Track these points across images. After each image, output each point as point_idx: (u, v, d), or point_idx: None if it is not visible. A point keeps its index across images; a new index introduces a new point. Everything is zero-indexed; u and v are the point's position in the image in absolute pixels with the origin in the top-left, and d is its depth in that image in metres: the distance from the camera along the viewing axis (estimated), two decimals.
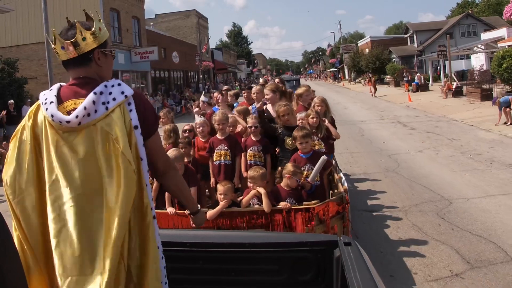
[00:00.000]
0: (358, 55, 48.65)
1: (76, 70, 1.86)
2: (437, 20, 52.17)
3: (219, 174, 4.66)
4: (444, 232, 5.19)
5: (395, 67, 37.38)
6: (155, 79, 30.92)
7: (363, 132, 13.45)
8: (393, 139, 11.95)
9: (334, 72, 67.83)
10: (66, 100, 1.79)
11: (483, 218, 5.55)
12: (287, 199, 3.93)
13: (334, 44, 71.48)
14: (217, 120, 4.75)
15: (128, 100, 1.80)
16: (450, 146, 10.44)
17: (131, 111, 1.80)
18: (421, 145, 10.79)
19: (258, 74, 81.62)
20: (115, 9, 24.97)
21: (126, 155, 1.71)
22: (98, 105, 1.73)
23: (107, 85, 1.79)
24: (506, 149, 9.73)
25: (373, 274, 1.86)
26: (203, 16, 48.74)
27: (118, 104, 1.76)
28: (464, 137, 11.49)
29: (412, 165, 8.77)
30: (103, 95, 1.76)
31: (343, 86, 49.21)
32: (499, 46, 25.13)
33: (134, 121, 1.79)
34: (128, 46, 26.06)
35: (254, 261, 2.43)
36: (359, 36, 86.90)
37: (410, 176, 7.87)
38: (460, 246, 4.77)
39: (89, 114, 1.71)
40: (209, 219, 3.72)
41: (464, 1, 63.85)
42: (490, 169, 7.99)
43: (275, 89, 5.35)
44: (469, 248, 4.72)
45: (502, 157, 8.93)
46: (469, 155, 9.34)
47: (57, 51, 1.85)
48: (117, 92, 1.78)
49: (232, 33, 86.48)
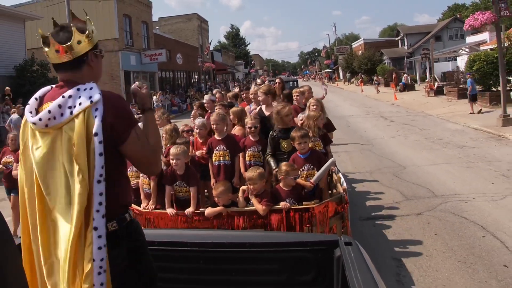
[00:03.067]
0: (351, 56, 51.09)
1: (65, 73, 1.88)
2: (427, 24, 54.49)
3: (219, 174, 4.65)
4: (394, 182, 7.58)
5: (385, 68, 39.75)
6: (161, 79, 33.18)
7: (349, 124, 15.78)
8: (373, 129, 14.32)
9: (329, 73, 70.24)
10: (45, 102, 1.83)
11: (425, 176, 7.88)
12: (287, 199, 3.95)
13: (329, 46, 73.84)
14: (212, 120, 4.75)
15: (96, 105, 1.77)
16: (419, 134, 12.79)
17: (96, 117, 1.76)
18: (395, 133, 13.17)
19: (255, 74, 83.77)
20: (127, 15, 27.26)
21: (80, 164, 1.73)
22: (64, 108, 1.74)
23: (79, 89, 1.79)
24: (464, 136, 12.07)
25: (373, 273, 1.86)
26: (204, 20, 51.06)
27: (82, 109, 1.75)
28: (433, 128, 13.82)
29: (383, 146, 11.16)
30: (71, 98, 1.76)
31: (337, 86, 51.63)
32: (482, 49, 27.45)
33: (96, 128, 1.75)
34: (138, 49, 28.35)
35: (255, 261, 2.43)
36: (354, 37, 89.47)
37: (380, 153, 10.25)
38: (403, 189, 7.14)
39: (54, 117, 1.73)
40: (208, 216, 3.86)
41: (455, 4, 66.44)
42: (444, 149, 10.33)
43: (267, 91, 5.38)
44: (409, 190, 7.07)
45: (457, 141, 11.26)
46: (431, 140, 11.69)
47: (48, 55, 1.85)
48: (85, 97, 1.77)
49: (230, 34, 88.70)
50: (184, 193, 4.20)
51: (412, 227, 5.56)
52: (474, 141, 11.12)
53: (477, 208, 6.02)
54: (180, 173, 4.19)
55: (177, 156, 4.11)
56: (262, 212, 3.75)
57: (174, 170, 4.20)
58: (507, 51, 18.14)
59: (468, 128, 13.47)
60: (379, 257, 4.53)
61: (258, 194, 3.95)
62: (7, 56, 18.04)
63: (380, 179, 7.93)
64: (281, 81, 7.17)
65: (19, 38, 19.25)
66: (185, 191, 4.19)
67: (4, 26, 18.14)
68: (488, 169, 8.12)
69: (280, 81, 7.15)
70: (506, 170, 7.93)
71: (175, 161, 4.11)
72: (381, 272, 2.44)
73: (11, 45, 18.43)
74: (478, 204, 6.18)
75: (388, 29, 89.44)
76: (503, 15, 13.92)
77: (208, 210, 3.87)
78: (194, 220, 3.89)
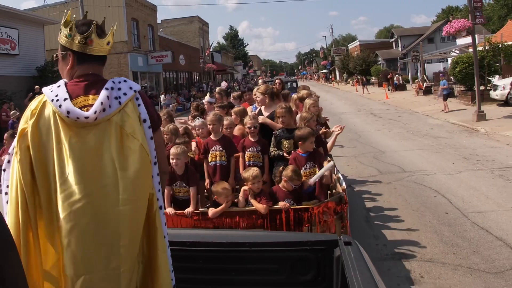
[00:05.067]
0: (347, 57, 52.86)
1: (91, 66, 1.90)
2: (420, 26, 56.34)
3: (215, 175, 4.63)
4: (373, 162, 9.33)
5: (379, 69, 41.51)
6: (165, 79, 34.87)
7: (341, 120, 17.40)
8: (362, 124, 16.05)
9: (325, 74, 72.03)
10: (75, 97, 1.79)
11: (399, 158, 9.58)
12: (285, 199, 3.98)
13: (326, 47, 75.62)
14: (209, 120, 4.76)
15: (136, 95, 1.88)
16: (402, 128, 14.49)
17: (139, 105, 1.87)
18: (381, 127, 14.90)
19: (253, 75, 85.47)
20: (135, 19, 28.96)
21: (145, 147, 1.79)
22: (111, 100, 1.78)
23: (114, 81, 1.86)
24: (441, 129, 13.78)
25: (373, 273, 1.88)
26: (205, 22, 52.80)
27: (129, 98, 1.83)
28: (416, 123, 15.53)
29: (369, 137, 12.90)
30: (114, 90, 1.81)
31: (333, 86, 53.47)
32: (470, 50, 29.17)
33: (143, 115, 1.86)
34: (145, 50, 30.03)
35: (254, 261, 2.44)
36: (351, 38, 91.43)
37: (365, 142, 11.98)
38: (379, 167, 8.88)
39: (104, 110, 1.74)
40: (212, 217, 3.82)
41: (449, 7, 68.37)
42: (421, 139, 12.03)
43: (264, 92, 5.40)
44: (384, 168, 8.79)
45: (434, 133, 12.95)
46: (411, 132, 13.39)
47: (95, 44, 1.86)
48: (126, 87, 1.85)
49: (229, 35, 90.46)
50: (183, 193, 4.21)
51: (383, 191, 7.26)
52: (449, 133, 12.83)
53: (435, 179, 7.72)
54: (179, 173, 4.18)
55: (177, 156, 4.09)
56: (263, 210, 3.78)
57: (174, 170, 4.16)
58: (488, 53, 19.93)
59: (447, 123, 15.18)
60: (353, 212, 6.20)
61: (256, 194, 3.99)
62: (29, 58, 19.71)
63: (362, 161, 9.66)
64: (281, 81, 7.49)
65: (39, 41, 20.92)
66: (185, 191, 4.20)
67: (26, 30, 19.79)
68: (454, 153, 9.81)
69: (280, 81, 7.46)
70: (468, 154, 9.63)
71: (175, 161, 4.09)
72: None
73: (32, 47, 20.10)
74: (437, 176, 7.88)
75: (384, 30, 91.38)
76: (478, 22, 15.69)
77: (211, 211, 3.86)
78: (193, 220, 3.92)
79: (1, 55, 18.26)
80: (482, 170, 8.14)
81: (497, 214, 5.82)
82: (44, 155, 1.72)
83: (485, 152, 9.68)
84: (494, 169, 8.18)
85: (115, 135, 1.75)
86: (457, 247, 4.94)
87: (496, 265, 4.44)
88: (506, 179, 7.46)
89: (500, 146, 10.35)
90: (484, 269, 4.38)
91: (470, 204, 6.29)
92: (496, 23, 47.20)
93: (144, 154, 1.78)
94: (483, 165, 8.50)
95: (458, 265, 4.51)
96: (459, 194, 6.77)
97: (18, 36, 18.94)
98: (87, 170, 1.68)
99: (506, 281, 4.13)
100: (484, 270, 4.35)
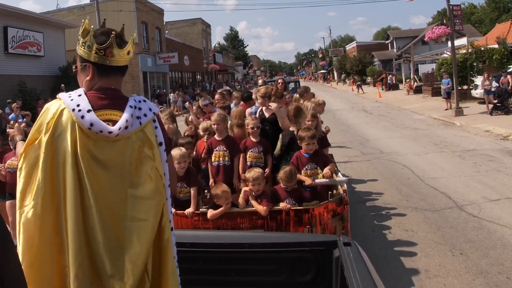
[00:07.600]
0: (344, 58, 54.79)
1: (112, 79, 1.87)
2: (415, 28, 58.23)
3: (218, 175, 4.65)
4: (358, 147, 11.38)
5: (374, 70, 43.49)
6: (171, 79, 36.82)
7: (335, 116, 19.42)
8: (354, 119, 18.05)
9: (323, 74, 74.00)
10: (97, 109, 1.75)
11: (380, 144, 11.57)
12: (286, 200, 3.98)
13: (325, 48, 77.58)
14: (213, 120, 4.74)
15: (154, 117, 1.89)
16: (388, 122, 16.46)
17: (156, 128, 1.89)
18: (370, 121, 16.90)
19: (253, 75, 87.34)
20: (144, 22, 30.96)
21: (159, 170, 1.82)
22: (134, 119, 1.78)
23: (135, 100, 1.86)
24: (423, 123, 15.73)
25: (372, 274, 1.89)
26: (208, 24, 54.79)
27: (148, 120, 1.84)
28: (402, 118, 17.48)
29: (358, 128, 14.93)
30: (136, 109, 1.81)
31: (331, 86, 55.53)
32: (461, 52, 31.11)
33: (159, 138, 1.88)
34: (153, 52, 31.99)
35: (254, 261, 2.45)
36: (349, 39, 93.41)
37: (354, 133, 14.01)
38: (362, 150, 10.90)
39: (126, 127, 1.75)
40: (210, 219, 3.81)
41: (444, 9, 70.01)
42: (402, 130, 14.00)
43: (264, 94, 5.39)
44: (367, 151, 10.80)
45: (415, 126, 14.90)
46: (396, 125, 15.36)
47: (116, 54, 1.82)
48: (146, 108, 1.86)
49: (229, 36, 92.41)
50: (184, 194, 4.23)
51: (362, 166, 9.23)
52: (428, 126, 14.79)
53: (406, 158, 9.69)
54: (181, 175, 4.17)
55: (183, 159, 4.11)
56: (264, 212, 3.79)
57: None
58: (470, 56, 21.91)
59: (429, 118, 17.11)
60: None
61: (258, 195, 4.00)
62: (52, 59, 21.68)
63: (348, 145, 11.67)
64: (283, 81, 7.60)
65: (60, 43, 22.89)
66: (185, 192, 4.22)
67: (49, 33, 21.75)
68: (427, 141, 11.77)
69: (283, 81, 7.57)
70: (439, 141, 11.59)
71: (178, 164, 4.06)
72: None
73: (55, 49, 22.09)
74: (408, 157, 9.84)
75: (382, 31, 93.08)
76: (457, 29, 17.68)
77: (210, 213, 3.86)
78: (194, 221, 3.95)
79: (30, 56, 20.25)
80: (446, 152, 10.11)
81: (447, 180, 7.77)
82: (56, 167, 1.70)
83: (454, 140, 11.64)
84: (456, 151, 10.13)
85: (132, 154, 1.77)
86: (410, 197, 6.91)
87: (436, 207, 6.38)
88: (463, 158, 9.42)
89: (468, 136, 12.31)
90: (426, 208, 6.33)
91: (428, 173, 8.24)
92: (488, 25, 49.14)
93: (158, 177, 1.82)
94: (448, 149, 10.47)
95: (407, 207, 6.46)
96: (421, 167, 8.73)
97: (43, 39, 20.90)
98: (100, 184, 1.69)
99: (439, 215, 6.07)
100: (425, 209, 6.31)
